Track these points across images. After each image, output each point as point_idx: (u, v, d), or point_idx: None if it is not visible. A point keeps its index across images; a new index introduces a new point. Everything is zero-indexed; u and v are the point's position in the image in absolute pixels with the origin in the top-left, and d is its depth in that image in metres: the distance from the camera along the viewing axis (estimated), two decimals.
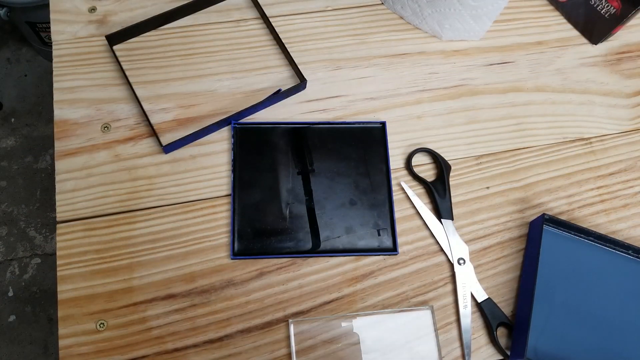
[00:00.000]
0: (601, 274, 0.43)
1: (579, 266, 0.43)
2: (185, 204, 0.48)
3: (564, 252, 0.44)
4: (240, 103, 0.52)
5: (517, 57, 0.57)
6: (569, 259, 0.44)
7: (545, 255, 0.43)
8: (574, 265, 0.43)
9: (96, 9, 0.55)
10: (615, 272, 0.43)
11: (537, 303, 0.40)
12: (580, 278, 0.43)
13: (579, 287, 0.42)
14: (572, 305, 0.42)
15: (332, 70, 0.55)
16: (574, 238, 0.45)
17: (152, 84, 0.52)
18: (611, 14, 0.55)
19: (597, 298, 0.42)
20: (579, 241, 0.45)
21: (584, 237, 0.45)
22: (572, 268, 0.43)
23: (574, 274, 0.43)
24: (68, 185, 0.47)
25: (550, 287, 0.42)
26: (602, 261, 0.44)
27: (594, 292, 0.42)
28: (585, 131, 0.54)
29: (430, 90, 0.55)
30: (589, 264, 0.44)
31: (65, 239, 0.45)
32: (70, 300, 0.44)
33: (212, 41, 0.55)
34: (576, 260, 0.44)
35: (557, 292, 0.42)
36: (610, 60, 0.58)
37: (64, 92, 0.51)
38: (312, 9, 0.57)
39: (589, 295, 0.42)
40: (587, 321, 0.41)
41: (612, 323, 0.41)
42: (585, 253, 0.44)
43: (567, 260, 0.44)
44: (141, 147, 0.49)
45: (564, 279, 0.43)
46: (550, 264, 0.43)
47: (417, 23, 0.57)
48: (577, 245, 0.45)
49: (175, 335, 0.43)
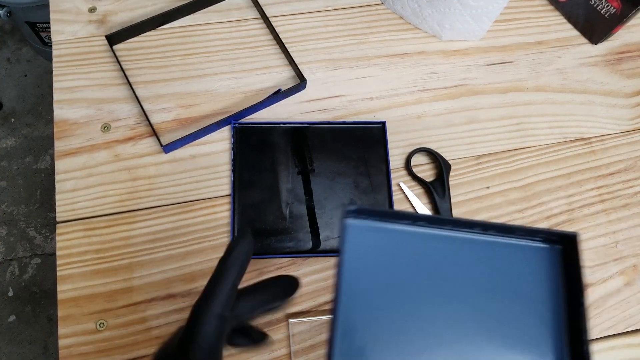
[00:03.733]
0: (436, 267, 0.30)
1: (401, 267, 0.30)
2: (185, 204, 0.47)
3: (379, 252, 0.31)
4: (240, 103, 0.52)
5: (517, 57, 0.57)
6: (387, 257, 0.31)
7: (351, 262, 0.30)
8: (395, 268, 0.30)
9: (96, 8, 0.55)
10: (459, 259, 0.30)
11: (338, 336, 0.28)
12: (406, 283, 0.30)
13: (406, 296, 0.30)
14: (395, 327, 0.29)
15: (332, 70, 0.55)
16: (394, 229, 0.31)
17: (152, 83, 0.52)
18: (611, 14, 0.55)
19: (438, 301, 0.30)
20: (402, 232, 0.31)
21: (408, 224, 0.31)
22: (392, 273, 0.30)
23: (396, 280, 0.30)
24: (68, 185, 0.47)
25: (359, 308, 0.30)
26: (433, 249, 0.31)
27: (434, 295, 0.30)
28: (586, 131, 0.54)
29: (430, 90, 0.55)
30: (413, 256, 0.31)
31: (65, 239, 0.45)
32: (70, 300, 0.43)
33: (212, 41, 0.55)
34: (397, 258, 0.31)
35: (369, 314, 0.30)
36: (611, 60, 0.58)
37: (64, 92, 0.51)
38: (312, 9, 0.57)
39: (426, 302, 0.30)
40: (423, 337, 0.29)
41: (459, 328, 0.29)
42: (411, 244, 0.31)
43: (384, 261, 0.31)
44: (141, 147, 0.49)
45: (379, 291, 0.30)
46: (358, 275, 0.30)
47: (417, 23, 0.57)
48: (400, 237, 0.31)
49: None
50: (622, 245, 0.50)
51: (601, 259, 0.49)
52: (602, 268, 0.49)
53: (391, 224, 0.31)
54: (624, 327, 0.47)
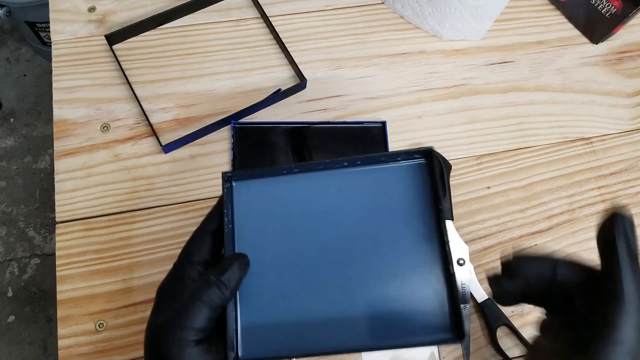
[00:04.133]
0: (316, 207, 0.32)
1: (283, 211, 0.32)
2: (185, 204, 0.47)
3: (260, 203, 0.33)
4: (240, 103, 0.52)
5: (517, 56, 0.57)
6: (267, 207, 0.32)
7: (240, 218, 0.32)
8: (276, 214, 0.32)
9: (95, 8, 0.55)
10: (334, 195, 0.32)
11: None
12: (289, 224, 0.32)
13: (293, 236, 0.32)
14: (287, 264, 0.31)
15: (332, 70, 0.54)
16: (273, 183, 0.33)
17: (151, 83, 0.52)
18: (612, 14, 0.55)
19: (318, 236, 0.32)
20: (281, 183, 0.33)
21: (285, 175, 0.33)
22: (274, 218, 0.32)
23: (279, 224, 0.32)
24: (67, 185, 0.47)
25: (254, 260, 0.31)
26: (310, 191, 0.32)
27: (314, 231, 0.32)
28: (586, 131, 0.54)
29: (430, 89, 0.54)
30: (294, 201, 0.32)
31: (65, 239, 0.45)
32: (69, 301, 0.43)
33: (212, 41, 0.55)
34: (276, 205, 0.32)
35: (262, 259, 0.31)
36: (611, 60, 0.58)
37: (63, 92, 0.51)
38: (312, 9, 0.57)
39: (308, 238, 0.32)
40: (308, 272, 0.31)
41: (339, 256, 0.31)
42: (285, 192, 0.33)
43: (264, 211, 0.32)
44: (141, 147, 0.49)
45: (265, 237, 0.32)
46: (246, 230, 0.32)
47: (417, 22, 0.57)
48: (273, 188, 0.33)
49: None
50: None
51: None
52: None
53: (270, 179, 0.33)
54: None
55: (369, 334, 0.29)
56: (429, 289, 0.29)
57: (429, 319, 0.29)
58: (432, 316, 0.29)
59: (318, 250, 0.31)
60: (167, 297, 0.28)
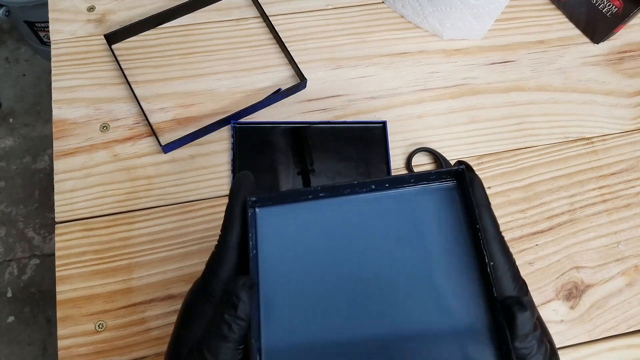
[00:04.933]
0: (343, 232, 0.31)
1: (310, 238, 0.31)
2: (185, 204, 0.47)
3: (288, 231, 0.32)
4: (239, 102, 0.52)
5: (518, 56, 0.57)
6: (295, 234, 0.31)
7: (266, 246, 0.31)
8: (305, 241, 0.31)
9: (95, 8, 0.55)
10: (361, 219, 0.31)
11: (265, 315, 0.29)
12: (321, 252, 0.31)
13: (322, 265, 0.30)
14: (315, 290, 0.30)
15: (332, 70, 0.54)
16: (300, 207, 0.32)
17: (151, 83, 0.52)
18: (613, 13, 0.55)
19: (349, 263, 0.30)
20: (308, 208, 0.32)
21: (311, 200, 0.32)
22: (302, 246, 0.31)
23: (309, 251, 0.31)
24: (67, 185, 0.47)
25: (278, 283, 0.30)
26: (336, 215, 0.31)
27: (344, 258, 0.31)
28: (587, 131, 0.54)
29: (431, 89, 0.54)
30: (320, 226, 0.31)
31: (64, 240, 0.45)
32: (69, 301, 0.43)
33: (212, 40, 0.54)
34: (304, 232, 0.31)
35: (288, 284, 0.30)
36: (612, 60, 0.58)
37: (63, 92, 0.51)
38: (313, 8, 0.57)
39: (338, 266, 0.31)
40: (336, 299, 0.30)
41: (372, 285, 0.30)
42: (313, 217, 0.32)
43: (294, 238, 0.31)
44: (140, 146, 0.49)
45: (294, 264, 0.31)
46: (272, 255, 0.31)
47: (418, 22, 0.57)
48: (302, 214, 0.32)
49: None
50: (624, 246, 0.49)
51: (603, 259, 0.49)
52: (603, 268, 0.48)
53: (296, 203, 0.32)
54: (625, 328, 0.46)
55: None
56: (470, 322, 0.27)
57: (472, 352, 0.26)
58: (474, 348, 0.26)
59: (345, 276, 0.30)
60: (195, 315, 0.29)
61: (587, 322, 0.46)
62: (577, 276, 0.48)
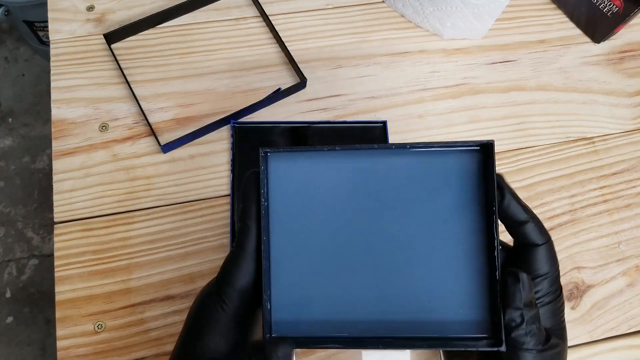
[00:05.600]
0: (357, 189, 0.31)
1: (324, 193, 0.31)
2: (184, 204, 0.47)
3: (299, 179, 0.31)
4: (239, 102, 0.51)
5: (519, 55, 0.57)
6: (309, 186, 0.31)
7: (276, 190, 0.31)
8: (319, 194, 0.31)
9: (94, 7, 0.55)
10: (378, 177, 0.31)
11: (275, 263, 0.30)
12: (335, 206, 0.31)
13: (331, 221, 0.31)
14: (326, 246, 0.30)
15: (332, 69, 0.54)
16: (305, 161, 0.32)
17: (150, 82, 0.52)
18: (613, 13, 0.55)
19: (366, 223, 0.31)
20: (317, 160, 0.31)
21: (320, 154, 0.31)
22: (316, 199, 0.31)
23: (321, 206, 0.31)
24: (66, 185, 0.47)
25: (289, 235, 0.31)
26: (352, 172, 0.31)
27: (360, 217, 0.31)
28: (588, 131, 0.54)
29: (431, 89, 0.54)
30: (335, 183, 0.31)
31: (63, 240, 0.45)
32: (68, 302, 0.43)
33: (211, 39, 0.54)
34: (318, 185, 0.31)
35: (297, 239, 0.31)
36: (613, 59, 0.58)
37: (62, 91, 0.50)
38: (312, 7, 0.57)
39: (354, 224, 0.31)
40: (352, 256, 0.30)
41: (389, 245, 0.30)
42: (327, 171, 0.31)
43: (305, 189, 0.31)
44: (139, 146, 0.49)
45: (305, 216, 0.31)
46: (283, 202, 0.31)
47: (418, 21, 0.57)
48: (315, 166, 0.31)
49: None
50: (625, 246, 0.49)
51: (604, 259, 0.48)
52: (604, 269, 0.48)
53: (310, 158, 0.31)
54: (626, 328, 0.46)
55: (401, 327, 0.28)
56: (470, 289, 0.28)
57: (467, 320, 0.28)
58: (470, 316, 0.28)
59: (357, 234, 0.30)
60: (207, 323, 0.27)
61: (588, 323, 0.46)
62: (578, 276, 0.48)
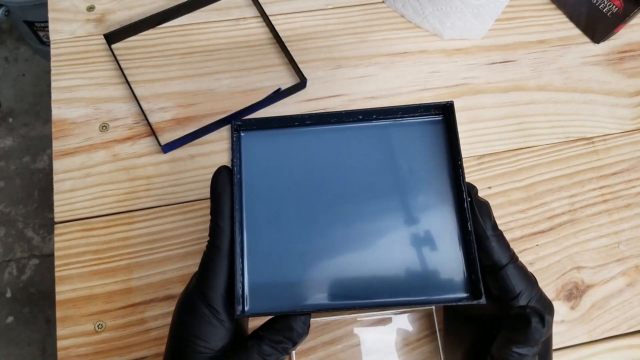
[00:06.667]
0: (327, 161, 0.31)
1: (292, 166, 0.32)
2: (185, 204, 0.47)
3: (270, 156, 0.32)
4: (239, 102, 0.52)
5: (519, 55, 0.57)
6: (277, 161, 0.32)
7: (248, 168, 0.32)
8: (287, 169, 0.32)
9: (94, 7, 0.55)
10: (347, 149, 0.31)
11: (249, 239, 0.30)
12: (306, 177, 0.31)
13: (303, 193, 0.31)
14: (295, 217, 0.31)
15: (332, 69, 0.54)
16: (276, 134, 0.32)
17: (150, 83, 0.52)
18: (613, 13, 0.55)
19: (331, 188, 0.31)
20: (294, 134, 0.32)
21: (298, 127, 0.32)
22: (285, 174, 0.31)
23: (290, 180, 0.31)
24: (66, 185, 0.47)
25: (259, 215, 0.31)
26: (322, 144, 0.32)
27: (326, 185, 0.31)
28: (588, 131, 0.54)
29: (431, 89, 0.54)
30: (305, 155, 0.32)
31: (63, 240, 0.45)
32: (68, 301, 0.43)
33: (212, 40, 0.54)
34: (287, 160, 0.32)
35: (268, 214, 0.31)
36: (613, 60, 0.58)
37: (62, 92, 0.51)
38: (313, 7, 0.57)
39: (320, 191, 0.31)
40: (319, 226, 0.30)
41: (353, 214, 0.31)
42: (295, 145, 0.32)
43: (275, 165, 0.32)
44: (140, 146, 0.49)
45: (276, 192, 0.31)
46: (254, 181, 0.32)
47: (418, 21, 0.57)
48: (282, 142, 0.32)
49: None
50: (625, 246, 0.49)
51: (603, 259, 0.49)
52: (604, 269, 0.48)
53: (281, 130, 0.32)
54: (626, 328, 0.46)
55: (379, 292, 0.28)
56: (445, 248, 0.29)
57: (445, 278, 0.28)
58: (448, 275, 0.28)
59: (328, 204, 0.30)
60: (194, 328, 0.28)
61: (587, 323, 0.46)
62: (578, 276, 0.48)
